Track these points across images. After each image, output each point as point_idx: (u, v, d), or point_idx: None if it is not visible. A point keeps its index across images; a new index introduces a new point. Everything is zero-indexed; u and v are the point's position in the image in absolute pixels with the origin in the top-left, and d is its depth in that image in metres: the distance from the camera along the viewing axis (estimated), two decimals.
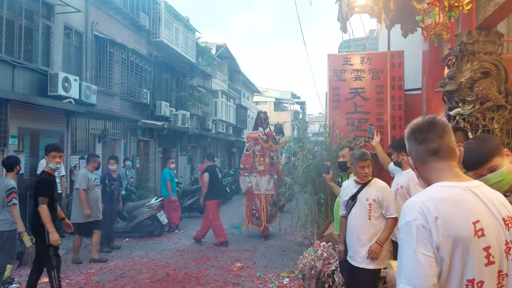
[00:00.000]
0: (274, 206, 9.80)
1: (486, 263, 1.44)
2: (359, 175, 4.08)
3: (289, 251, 8.33)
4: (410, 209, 1.48)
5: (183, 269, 7.13)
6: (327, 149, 6.81)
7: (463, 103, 4.32)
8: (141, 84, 14.49)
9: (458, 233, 1.42)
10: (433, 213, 1.43)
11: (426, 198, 1.48)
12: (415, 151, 1.64)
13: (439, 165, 1.59)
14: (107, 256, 8.00)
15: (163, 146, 16.93)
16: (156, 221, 10.18)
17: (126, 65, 13.52)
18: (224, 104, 24.29)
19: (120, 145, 13.44)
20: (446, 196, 1.48)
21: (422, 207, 1.45)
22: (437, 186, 1.54)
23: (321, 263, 5.29)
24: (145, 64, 14.87)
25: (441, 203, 1.45)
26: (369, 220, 3.98)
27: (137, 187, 12.42)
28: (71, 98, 10.17)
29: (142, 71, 14.54)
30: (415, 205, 1.47)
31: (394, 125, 7.02)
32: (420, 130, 1.62)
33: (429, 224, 1.42)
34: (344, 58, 7.47)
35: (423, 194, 1.51)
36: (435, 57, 5.74)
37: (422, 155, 1.62)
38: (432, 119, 1.62)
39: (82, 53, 11.55)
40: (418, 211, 1.45)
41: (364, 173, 4.04)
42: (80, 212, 7.53)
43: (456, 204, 1.46)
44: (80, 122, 11.26)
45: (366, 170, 4.03)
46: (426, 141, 1.60)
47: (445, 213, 1.43)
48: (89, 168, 7.91)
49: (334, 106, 7.32)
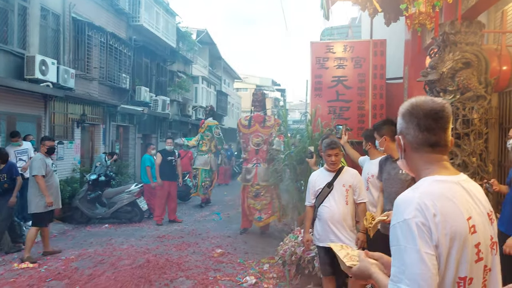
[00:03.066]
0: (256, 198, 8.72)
1: (476, 259, 1.41)
2: (327, 163, 4.25)
3: (270, 238, 8.38)
4: (407, 206, 1.40)
5: (163, 255, 7.10)
6: (309, 137, 6.82)
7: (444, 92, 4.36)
8: (121, 69, 14.22)
9: (456, 230, 1.37)
10: (431, 210, 1.37)
11: (422, 193, 1.41)
12: (412, 136, 1.53)
13: (432, 157, 1.52)
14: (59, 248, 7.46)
15: (143, 132, 16.74)
16: (136, 208, 10.09)
17: (105, 49, 13.23)
18: (205, 90, 24.10)
19: (99, 131, 13.22)
20: (441, 192, 1.42)
21: (420, 203, 1.38)
22: (430, 180, 1.47)
23: (301, 249, 5.33)
24: (125, 48, 14.58)
25: (437, 199, 1.39)
26: (347, 205, 4.19)
27: (116, 173, 12.26)
28: (48, 81, 9.91)
29: (121, 55, 14.26)
30: (411, 201, 1.40)
31: (375, 114, 7.06)
32: (425, 116, 1.50)
33: (429, 222, 1.36)
34: (327, 46, 7.45)
35: (417, 190, 1.44)
36: (418, 46, 5.77)
37: (419, 143, 1.52)
38: (442, 108, 1.51)
39: (60, 36, 11.23)
40: (416, 208, 1.37)
41: (330, 161, 4.20)
42: (39, 201, 6.76)
43: (450, 200, 1.41)
44: (58, 106, 11.00)
45: (333, 158, 4.18)
46: (429, 131, 1.50)
47: (443, 210, 1.37)
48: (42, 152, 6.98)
49: (316, 94, 7.31)
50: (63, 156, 10.94)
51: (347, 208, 4.18)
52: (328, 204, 4.18)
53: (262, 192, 8.66)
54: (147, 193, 10.63)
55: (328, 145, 4.20)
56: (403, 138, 1.57)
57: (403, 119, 1.56)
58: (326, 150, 4.22)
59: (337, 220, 4.13)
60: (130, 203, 10.00)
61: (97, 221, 9.94)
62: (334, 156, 4.17)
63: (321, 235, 4.23)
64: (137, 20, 15.44)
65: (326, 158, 4.24)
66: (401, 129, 1.58)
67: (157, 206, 10.05)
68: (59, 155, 10.63)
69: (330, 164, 4.22)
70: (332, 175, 4.24)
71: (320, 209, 4.23)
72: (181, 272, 6.18)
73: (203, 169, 11.80)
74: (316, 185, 4.29)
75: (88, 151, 12.96)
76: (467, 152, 4.04)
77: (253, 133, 8.91)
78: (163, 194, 10.01)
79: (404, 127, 1.56)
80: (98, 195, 10.17)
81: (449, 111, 1.52)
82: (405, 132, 1.56)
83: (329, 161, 4.21)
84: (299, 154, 6.94)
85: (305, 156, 6.43)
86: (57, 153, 10.50)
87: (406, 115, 1.55)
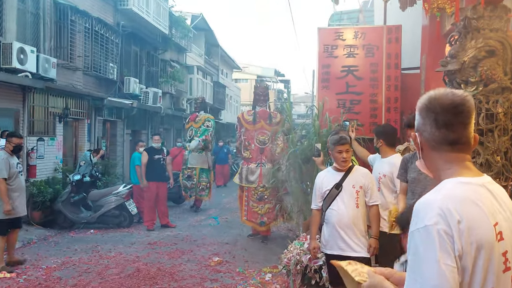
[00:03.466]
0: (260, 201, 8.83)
1: (504, 269, 1.40)
2: (337, 160, 4.21)
3: (272, 245, 8.40)
4: (428, 211, 1.37)
5: (155, 264, 7.12)
6: (316, 133, 6.82)
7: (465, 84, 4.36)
8: (107, 58, 14.22)
9: (482, 238, 1.35)
10: (455, 216, 1.34)
11: (444, 197, 1.39)
12: (429, 133, 1.52)
13: (453, 157, 1.50)
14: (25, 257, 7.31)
15: (132, 128, 16.75)
16: (125, 211, 10.13)
17: (90, 35, 13.22)
18: (200, 81, 24.11)
19: (83, 126, 13.24)
20: (465, 195, 1.40)
21: (443, 208, 1.36)
22: (453, 182, 1.45)
23: (307, 257, 5.34)
24: (112, 35, 14.57)
25: (462, 204, 1.37)
26: (357, 208, 4.17)
27: (103, 173, 12.29)
28: (27, 71, 9.91)
29: (108, 43, 14.26)
30: (433, 205, 1.38)
31: (389, 107, 7.05)
32: (444, 111, 1.48)
33: (452, 229, 1.33)
34: (336, 32, 7.44)
35: (439, 192, 1.42)
36: (437, 33, 5.76)
37: (437, 140, 1.51)
38: (462, 102, 1.49)
39: (40, 21, 11.22)
40: (439, 213, 1.35)
41: (342, 158, 4.16)
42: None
43: (476, 204, 1.39)
44: (38, 99, 11.01)
45: (344, 154, 4.16)
46: (448, 128, 1.48)
47: (468, 215, 1.35)
48: (7, 150, 6.67)
49: (324, 86, 7.31)
50: (44, 154, 10.95)
51: (357, 211, 4.16)
52: (336, 207, 4.17)
53: (267, 195, 8.75)
54: (136, 195, 10.66)
55: (338, 141, 4.19)
56: (420, 136, 1.56)
57: (419, 115, 1.56)
58: (336, 146, 4.19)
59: (346, 225, 4.12)
60: (118, 206, 10.02)
61: (81, 226, 9.97)
62: (345, 153, 4.15)
63: (328, 242, 4.23)
64: (126, 4, 15.42)
65: (336, 156, 4.21)
66: (418, 126, 1.57)
67: (146, 210, 10.09)
68: (39, 154, 10.64)
69: (341, 161, 4.19)
70: (341, 175, 4.23)
71: (328, 213, 4.22)
72: (174, 283, 6.20)
73: (201, 169, 11.86)
74: (323, 186, 4.27)
75: (72, 148, 12.98)
76: (490, 150, 4.04)
77: (258, 130, 8.97)
78: (150, 197, 10.02)
79: (420, 123, 1.55)
80: (83, 197, 10.19)
81: (471, 104, 1.50)
82: (421, 129, 1.55)
83: (340, 159, 4.18)
84: (305, 152, 6.94)
85: (311, 154, 6.43)
86: (37, 151, 10.52)
87: (423, 110, 1.54)
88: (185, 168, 12.07)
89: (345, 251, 4.11)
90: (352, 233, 4.13)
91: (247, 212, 8.90)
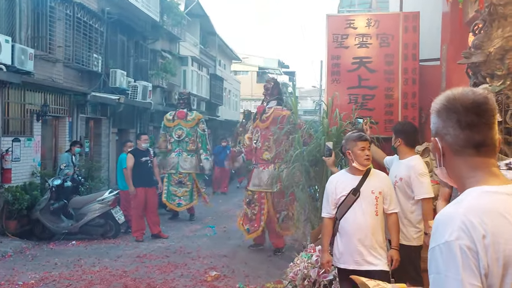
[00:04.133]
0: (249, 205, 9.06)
1: None
2: (360, 158, 4.18)
3: (276, 257, 8.43)
4: (449, 225, 1.38)
5: (144, 279, 7.14)
6: (324, 132, 6.83)
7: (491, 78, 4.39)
8: (91, 48, 14.24)
9: (510, 254, 1.35)
10: (479, 230, 1.34)
11: (467, 209, 1.39)
12: (452, 136, 1.53)
13: (478, 161, 1.51)
14: None
15: (119, 126, 16.78)
16: (111, 220, 10.17)
17: (71, 23, 13.23)
18: (195, 74, 24.14)
19: (64, 125, 13.27)
20: (491, 206, 1.40)
21: (465, 221, 1.36)
22: (477, 192, 1.45)
23: (316, 271, 5.35)
24: (96, 23, 14.59)
25: (487, 216, 1.37)
26: (377, 216, 4.17)
27: (86, 178, 12.32)
28: (1, 64, 9.94)
29: (92, 32, 14.27)
30: (454, 219, 1.38)
31: (406, 103, 7.07)
32: (466, 111, 1.50)
33: (476, 245, 1.33)
34: (347, 20, 7.46)
35: (462, 204, 1.43)
36: (459, 21, 5.78)
37: (461, 144, 1.52)
38: (485, 100, 1.51)
39: (15, 8, 11.25)
40: (461, 227, 1.36)
41: (365, 156, 4.16)
42: None
43: (503, 216, 1.38)
44: (14, 95, 11.04)
45: (367, 152, 4.17)
46: (472, 129, 1.50)
47: (494, 229, 1.35)
48: None
49: (334, 79, 7.33)
50: (20, 156, 10.97)
51: (377, 220, 4.16)
52: (353, 216, 4.15)
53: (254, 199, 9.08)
54: (124, 202, 10.69)
55: (360, 137, 4.21)
56: (441, 140, 1.58)
57: (438, 117, 1.58)
58: (358, 142, 4.18)
59: (365, 235, 4.11)
60: (103, 214, 10.05)
61: (62, 237, 10.00)
62: (367, 150, 4.17)
63: (343, 255, 4.22)
64: None
65: (359, 153, 4.18)
66: (437, 129, 1.59)
67: (134, 218, 10.15)
68: (14, 156, 10.66)
69: (364, 159, 4.17)
70: (358, 179, 4.20)
71: (343, 222, 4.21)
72: None
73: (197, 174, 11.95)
74: (337, 192, 4.25)
75: (51, 150, 13.01)
76: None
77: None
78: (139, 204, 10.05)
79: (440, 127, 1.57)
80: (64, 204, 10.21)
81: (494, 103, 1.53)
82: (442, 133, 1.57)
83: (363, 156, 4.16)
84: (313, 153, 6.95)
85: (320, 156, 6.44)
86: (12, 153, 10.53)
87: (442, 112, 1.56)
88: (174, 173, 12.01)
89: (362, 265, 4.11)
90: (370, 245, 4.12)
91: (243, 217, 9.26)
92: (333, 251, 4.37)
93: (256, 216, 8.92)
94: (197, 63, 24.59)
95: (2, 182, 10.11)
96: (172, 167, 12.05)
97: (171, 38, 21.69)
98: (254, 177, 9.05)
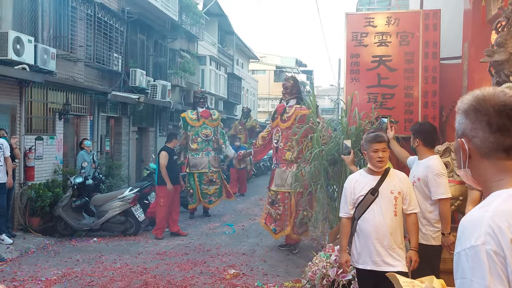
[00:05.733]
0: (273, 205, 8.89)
1: None
2: (373, 160, 4.18)
3: (295, 256, 8.40)
4: (475, 229, 1.36)
5: (164, 276, 7.17)
6: (343, 131, 6.79)
7: None
8: (111, 48, 14.34)
9: None
10: (507, 234, 1.32)
11: (494, 213, 1.36)
12: (482, 139, 1.49)
13: (507, 165, 1.47)
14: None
15: (139, 125, 16.88)
16: (131, 217, 10.22)
17: (92, 23, 13.34)
18: (213, 73, 24.19)
19: (85, 123, 13.39)
20: None
21: (492, 226, 1.33)
22: (505, 195, 1.42)
23: (335, 271, 5.33)
24: (116, 23, 14.69)
25: None
26: (395, 216, 4.14)
27: (107, 175, 12.41)
28: (24, 63, 10.04)
29: (112, 31, 14.37)
30: (480, 223, 1.36)
31: (427, 102, 7.00)
32: (498, 113, 1.46)
33: (503, 250, 1.31)
34: (366, 18, 7.40)
35: (488, 207, 1.40)
36: (482, 18, 5.69)
37: (490, 147, 1.48)
38: None
39: (38, 8, 11.37)
40: (487, 232, 1.33)
41: (377, 158, 4.14)
42: None
43: None
44: (36, 94, 11.17)
45: (380, 154, 4.14)
46: (503, 132, 1.46)
47: None
48: None
49: (353, 78, 7.29)
50: (42, 154, 11.10)
51: (395, 220, 4.13)
52: (371, 216, 4.13)
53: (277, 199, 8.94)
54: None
55: (374, 138, 4.19)
56: (468, 142, 1.54)
57: (466, 118, 1.53)
58: (371, 144, 4.18)
59: (383, 236, 4.09)
60: (124, 212, 10.12)
61: (84, 233, 10.10)
62: (381, 152, 4.14)
63: (361, 255, 4.20)
64: None
65: (372, 155, 4.18)
66: (464, 131, 1.54)
67: (161, 217, 10.09)
68: (37, 154, 10.79)
69: (377, 161, 4.16)
70: (377, 179, 4.19)
71: (361, 222, 4.19)
72: None
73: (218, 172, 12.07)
74: (356, 192, 4.24)
75: (73, 148, 13.12)
76: None
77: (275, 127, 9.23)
78: (167, 202, 10.08)
79: (468, 128, 1.53)
80: (85, 202, 10.31)
81: None
82: (470, 134, 1.52)
83: (375, 158, 4.15)
84: (331, 152, 6.92)
85: (339, 155, 6.40)
86: (35, 151, 10.66)
87: (470, 112, 1.52)
88: (206, 172, 12.08)
89: (380, 265, 4.08)
90: (388, 245, 4.09)
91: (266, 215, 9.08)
92: (351, 251, 4.35)
93: (281, 216, 8.72)
94: (215, 62, 24.63)
95: (25, 180, 10.25)
96: (203, 166, 12.14)
97: (189, 37, 21.76)
98: (276, 177, 8.88)
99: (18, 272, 7.30)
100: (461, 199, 5.23)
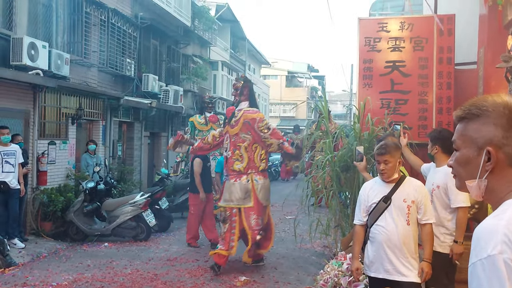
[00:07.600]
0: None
1: None
2: (378, 171, 4.24)
3: (306, 264, 8.31)
4: (490, 238, 1.33)
5: (175, 282, 7.12)
6: (356, 137, 6.70)
7: None
8: (124, 53, 14.40)
9: None
10: None
11: (509, 221, 1.34)
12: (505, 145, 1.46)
13: None
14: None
15: (151, 130, 16.92)
16: (142, 222, 10.18)
17: (106, 29, 13.41)
18: (226, 78, 24.21)
19: (98, 128, 13.41)
20: None
21: (508, 234, 1.30)
22: None
23: (347, 279, 5.26)
24: (129, 28, 14.75)
25: None
26: (408, 225, 4.08)
27: (118, 180, 12.41)
28: (38, 69, 10.08)
29: (125, 37, 14.43)
30: (496, 232, 1.33)
31: (441, 108, 6.89)
32: None
33: None
34: (379, 23, 7.34)
35: (503, 215, 1.37)
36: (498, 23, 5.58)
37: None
38: None
39: (52, 14, 11.43)
40: (504, 241, 1.30)
41: (379, 170, 4.17)
42: None
43: None
44: (50, 99, 11.20)
45: (381, 166, 4.12)
46: None
47: None
48: None
49: (365, 83, 7.21)
50: (55, 159, 11.12)
51: (408, 229, 4.07)
52: (384, 224, 4.09)
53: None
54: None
55: (376, 150, 4.22)
56: (497, 151, 1.46)
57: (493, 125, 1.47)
58: (375, 155, 4.24)
59: (395, 244, 4.04)
60: (135, 217, 10.08)
61: (95, 238, 10.07)
62: (383, 164, 4.10)
63: (373, 263, 4.15)
64: None
65: (377, 166, 4.25)
66: (492, 139, 1.47)
67: (191, 225, 9.78)
68: (50, 158, 10.81)
69: (379, 173, 4.21)
70: (391, 186, 4.15)
71: (374, 230, 4.15)
72: None
73: None
74: (369, 199, 4.21)
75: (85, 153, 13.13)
76: None
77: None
78: (198, 211, 9.73)
79: (500, 136, 1.46)
80: (97, 207, 10.30)
81: None
82: (501, 143, 1.45)
83: (379, 169, 4.19)
84: (344, 158, 6.83)
85: (351, 162, 6.31)
86: (48, 155, 10.68)
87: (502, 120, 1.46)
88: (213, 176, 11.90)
89: (392, 274, 4.03)
90: (401, 254, 4.04)
91: None
92: (364, 259, 4.31)
93: (225, 235, 7.73)
94: (227, 67, 24.68)
95: (38, 184, 10.26)
96: None
97: (202, 43, 21.81)
98: (225, 191, 7.84)
99: (29, 277, 7.29)
100: (476, 207, 5.11)
